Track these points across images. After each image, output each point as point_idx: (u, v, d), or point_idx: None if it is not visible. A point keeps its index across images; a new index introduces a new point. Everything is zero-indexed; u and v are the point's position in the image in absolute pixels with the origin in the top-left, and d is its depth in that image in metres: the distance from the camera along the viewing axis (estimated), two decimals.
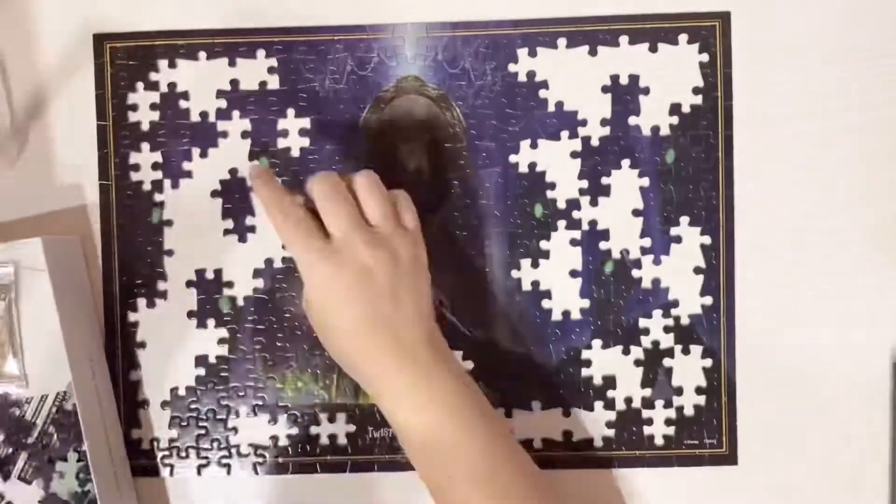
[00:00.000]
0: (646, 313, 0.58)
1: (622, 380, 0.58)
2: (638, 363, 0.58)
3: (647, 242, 0.58)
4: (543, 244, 0.58)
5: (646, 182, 0.58)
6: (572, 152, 0.58)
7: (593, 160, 0.58)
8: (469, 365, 0.58)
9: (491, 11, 0.58)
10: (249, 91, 0.58)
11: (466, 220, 0.58)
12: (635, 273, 0.58)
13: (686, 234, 0.58)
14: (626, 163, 0.58)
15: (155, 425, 0.58)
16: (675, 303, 0.58)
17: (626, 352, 0.58)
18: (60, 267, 0.54)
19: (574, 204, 0.58)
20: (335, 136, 0.58)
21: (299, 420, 0.58)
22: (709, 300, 0.58)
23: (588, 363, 0.58)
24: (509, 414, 0.58)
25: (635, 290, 0.58)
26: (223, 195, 0.58)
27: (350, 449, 0.58)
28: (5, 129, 0.57)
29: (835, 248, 0.58)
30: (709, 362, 0.58)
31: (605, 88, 0.58)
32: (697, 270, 0.58)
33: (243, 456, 0.58)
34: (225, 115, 0.58)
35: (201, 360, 0.58)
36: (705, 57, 0.58)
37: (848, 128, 0.58)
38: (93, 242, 0.58)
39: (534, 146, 0.58)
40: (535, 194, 0.58)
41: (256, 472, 0.58)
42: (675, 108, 0.58)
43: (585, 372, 0.58)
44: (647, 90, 0.58)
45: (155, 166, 0.58)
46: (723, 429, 0.58)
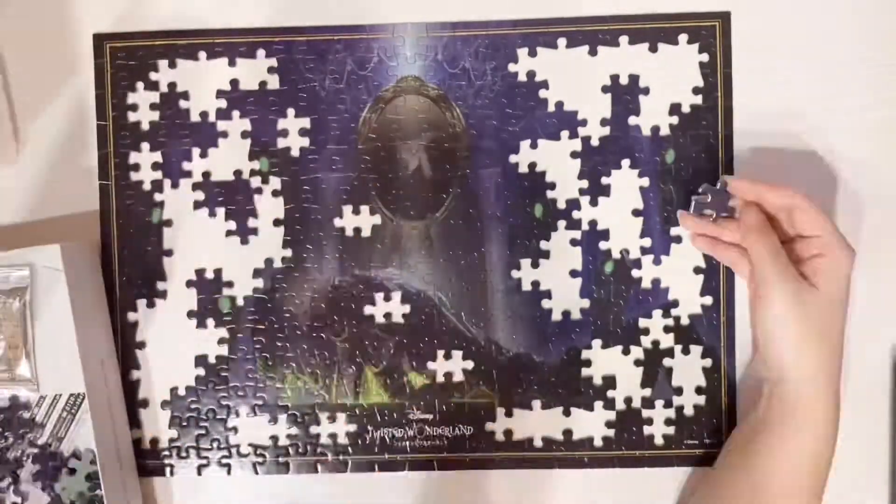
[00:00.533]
0: (646, 313, 0.58)
1: (622, 380, 0.58)
2: (638, 363, 0.58)
3: (647, 242, 0.58)
4: (543, 244, 0.58)
5: (646, 182, 0.58)
6: (572, 152, 0.58)
7: (593, 160, 0.58)
8: (469, 365, 0.58)
9: (491, 11, 0.58)
10: (249, 91, 0.58)
11: (466, 220, 0.58)
12: (635, 273, 0.58)
13: (686, 235, 0.58)
14: (626, 163, 0.58)
15: (155, 425, 0.58)
16: (675, 303, 0.58)
17: (626, 352, 0.58)
18: (77, 271, 0.54)
19: (574, 204, 0.58)
20: (335, 136, 0.58)
21: (299, 420, 0.58)
22: (709, 300, 0.58)
23: (588, 363, 0.58)
24: (509, 414, 0.58)
25: (635, 290, 0.58)
26: (226, 195, 0.58)
27: (350, 449, 0.58)
28: (5, 129, 0.57)
29: None
30: (709, 362, 0.58)
31: (605, 88, 0.58)
32: (697, 270, 0.58)
33: (243, 456, 0.58)
34: (225, 115, 0.58)
35: (201, 360, 0.58)
36: (705, 57, 0.58)
37: (848, 128, 0.58)
38: (93, 242, 0.58)
39: (534, 146, 0.58)
40: (535, 194, 0.58)
41: (256, 472, 0.58)
42: (675, 108, 0.58)
43: (585, 372, 0.58)
44: (647, 90, 0.58)
45: (155, 166, 0.58)
46: (723, 429, 0.58)
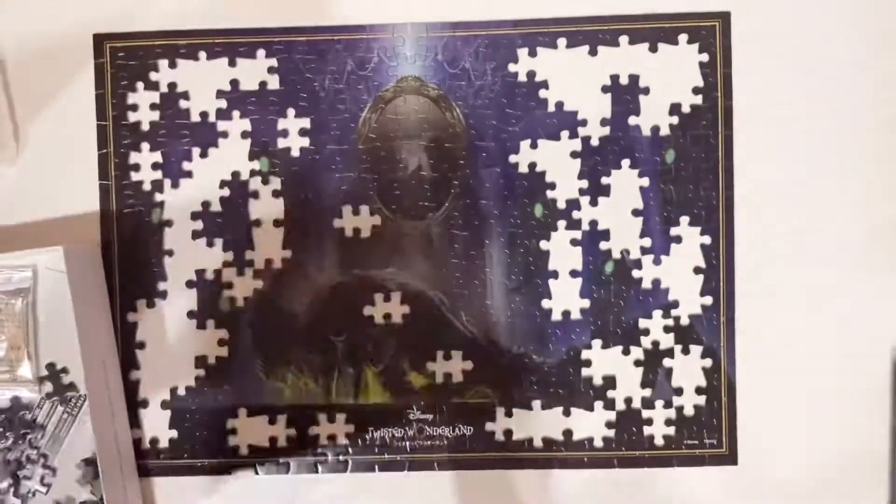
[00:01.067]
0: (646, 313, 0.58)
1: (622, 380, 0.58)
2: (638, 363, 0.58)
3: (647, 242, 0.58)
4: (543, 244, 0.58)
5: (646, 182, 0.58)
6: (572, 152, 0.58)
7: (593, 160, 0.58)
8: (469, 365, 0.58)
9: (491, 11, 0.58)
10: (249, 91, 0.58)
11: (466, 220, 0.58)
12: (635, 273, 0.58)
13: (686, 234, 0.58)
14: (626, 163, 0.58)
15: (155, 425, 0.58)
16: (675, 303, 0.58)
17: (626, 352, 0.58)
18: (79, 273, 0.54)
19: (574, 204, 0.58)
20: (335, 136, 0.58)
21: (299, 420, 0.58)
22: (709, 300, 0.58)
23: (588, 363, 0.58)
24: (509, 414, 0.58)
25: (635, 290, 0.58)
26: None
27: (350, 449, 0.58)
28: (5, 129, 0.57)
29: (835, 248, 0.58)
30: (709, 362, 0.58)
31: (605, 88, 0.58)
32: (697, 270, 0.58)
33: (243, 456, 0.58)
34: (225, 115, 0.58)
35: (201, 361, 0.58)
36: (705, 57, 0.58)
37: (848, 128, 0.58)
38: (95, 244, 0.58)
39: (534, 146, 0.58)
40: (535, 194, 0.58)
41: (256, 472, 0.58)
42: (675, 108, 0.58)
43: (585, 372, 0.58)
44: (647, 90, 0.58)
45: (155, 166, 0.58)
46: (723, 429, 0.58)
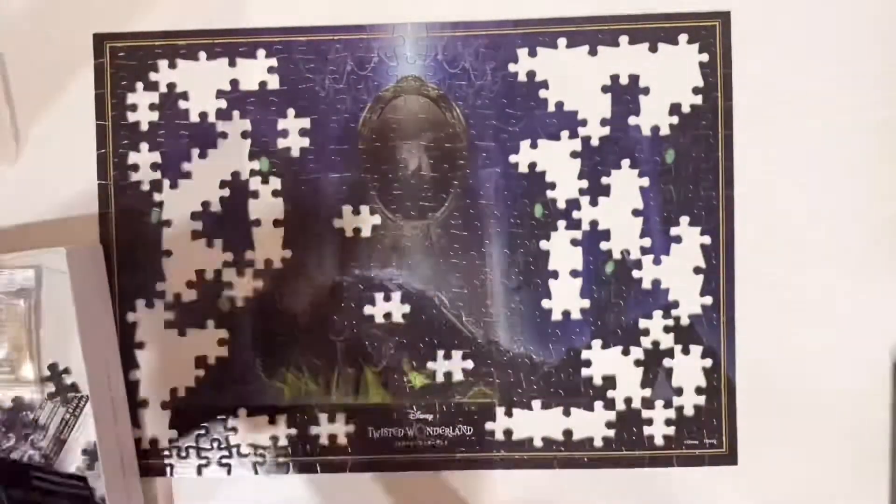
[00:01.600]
0: (646, 313, 0.58)
1: (622, 380, 0.58)
2: (638, 363, 0.58)
3: (647, 242, 0.58)
4: (543, 244, 0.58)
5: (646, 182, 0.58)
6: (572, 152, 0.58)
7: (593, 160, 0.58)
8: (469, 365, 0.58)
9: (491, 11, 0.58)
10: (249, 91, 0.58)
11: (466, 220, 0.58)
12: (635, 273, 0.58)
13: (686, 234, 0.58)
14: (626, 163, 0.58)
15: (155, 425, 0.58)
16: (675, 303, 0.58)
17: (626, 352, 0.58)
18: (82, 274, 0.54)
19: (574, 204, 0.58)
20: (335, 136, 0.58)
21: (299, 420, 0.58)
22: (709, 300, 0.58)
23: (588, 363, 0.58)
24: (509, 414, 0.58)
25: (635, 290, 0.58)
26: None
27: (350, 449, 0.58)
28: (5, 129, 0.57)
29: (835, 248, 0.58)
30: (709, 362, 0.58)
31: (605, 88, 0.58)
32: (697, 270, 0.58)
33: (243, 456, 0.58)
34: (225, 115, 0.58)
35: (201, 361, 0.58)
36: (705, 57, 0.58)
37: (848, 128, 0.58)
38: (97, 245, 0.58)
39: (534, 146, 0.58)
40: (535, 194, 0.58)
41: (256, 472, 0.58)
42: (675, 108, 0.58)
43: (585, 372, 0.58)
44: (647, 90, 0.58)
45: (154, 166, 0.58)
46: (723, 429, 0.58)
